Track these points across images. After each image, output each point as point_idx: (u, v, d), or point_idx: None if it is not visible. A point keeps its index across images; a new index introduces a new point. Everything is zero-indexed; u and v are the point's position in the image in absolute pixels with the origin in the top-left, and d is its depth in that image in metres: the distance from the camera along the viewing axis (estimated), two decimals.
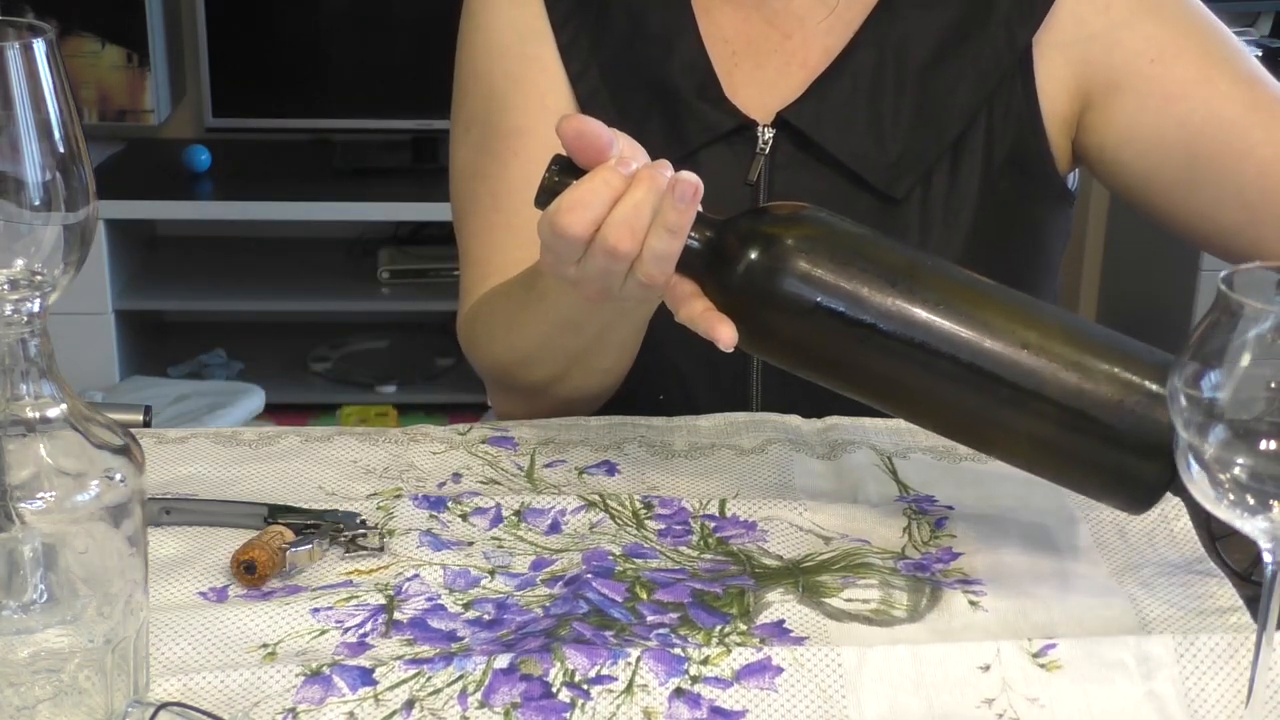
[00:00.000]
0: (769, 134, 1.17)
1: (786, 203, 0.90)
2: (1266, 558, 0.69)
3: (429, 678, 0.78)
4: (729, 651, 0.80)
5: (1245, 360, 0.66)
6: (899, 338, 0.84)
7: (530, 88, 1.21)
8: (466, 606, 0.86)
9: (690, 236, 0.88)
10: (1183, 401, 0.67)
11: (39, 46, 0.78)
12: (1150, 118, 1.15)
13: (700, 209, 0.90)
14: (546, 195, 0.89)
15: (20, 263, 0.80)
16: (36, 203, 0.80)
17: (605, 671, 0.79)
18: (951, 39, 1.16)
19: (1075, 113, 1.18)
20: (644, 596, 0.87)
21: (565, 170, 0.89)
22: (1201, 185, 1.13)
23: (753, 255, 0.87)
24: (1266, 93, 1.14)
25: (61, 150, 0.80)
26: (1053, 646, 0.80)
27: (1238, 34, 1.20)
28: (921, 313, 0.84)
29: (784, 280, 0.86)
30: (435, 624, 0.85)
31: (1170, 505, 0.95)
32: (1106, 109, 1.16)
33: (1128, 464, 0.83)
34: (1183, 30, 1.15)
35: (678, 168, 1.16)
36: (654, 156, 1.16)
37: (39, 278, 0.74)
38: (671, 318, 1.10)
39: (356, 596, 0.87)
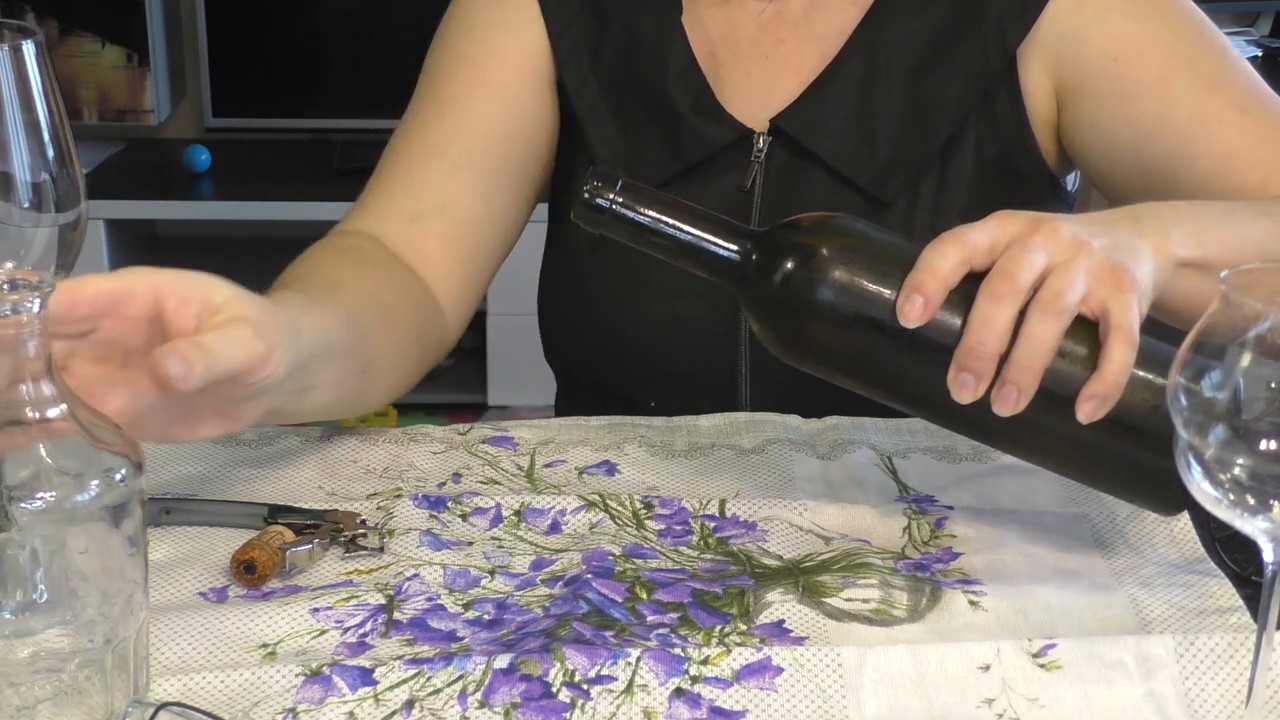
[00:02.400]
0: (764, 142, 1.17)
1: (819, 213, 0.90)
2: (1267, 558, 0.69)
3: (429, 678, 0.78)
4: (729, 651, 0.80)
5: (1245, 360, 0.66)
6: (938, 345, 0.84)
7: (480, 66, 1.21)
8: (466, 606, 0.86)
9: (727, 248, 0.88)
10: (1183, 401, 0.67)
11: (28, 49, 0.79)
12: (1106, 118, 1.13)
13: (731, 220, 0.90)
14: (587, 209, 0.89)
15: (10, 264, 0.80)
16: (26, 204, 0.80)
17: (605, 671, 0.79)
18: (943, 41, 1.16)
19: (1054, 113, 1.17)
20: (644, 596, 0.87)
21: (626, 190, 0.89)
22: (1153, 191, 1.10)
23: (790, 266, 0.87)
24: (1222, 100, 1.10)
25: (51, 152, 0.80)
26: (1053, 646, 0.80)
27: (1237, 34, 1.19)
28: (960, 320, 0.83)
29: (823, 291, 0.86)
30: (435, 624, 0.85)
31: None
32: (1074, 109, 1.15)
33: (1162, 467, 0.83)
34: (1152, 28, 1.13)
35: (677, 180, 1.18)
36: (653, 170, 1.17)
37: (39, 278, 0.74)
38: (650, 329, 1.10)
39: (356, 596, 0.87)
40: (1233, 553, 0.91)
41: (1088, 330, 0.83)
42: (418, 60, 1.33)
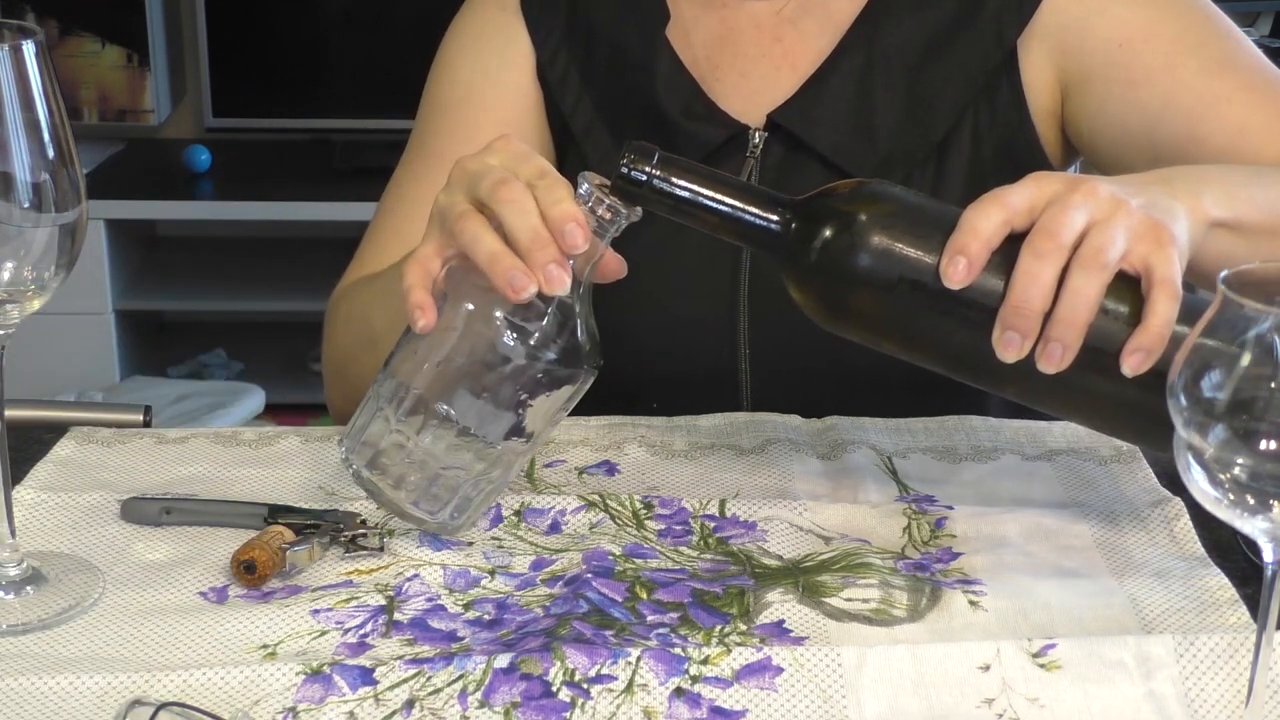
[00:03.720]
0: (759, 137, 1.17)
1: (855, 180, 0.91)
2: (1267, 557, 0.69)
3: (429, 677, 0.78)
4: (729, 651, 0.80)
5: (1245, 360, 0.66)
6: (981, 306, 0.84)
7: (464, 119, 1.23)
8: (466, 606, 0.86)
9: (766, 217, 0.89)
10: (1183, 401, 0.67)
11: (28, 48, 0.79)
12: (1115, 105, 1.14)
13: (770, 190, 0.91)
14: (625, 183, 0.89)
15: (11, 264, 0.80)
16: (26, 204, 0.80)
17: (605, 671, 0.79)
18: (941, 38, 1.16)
19: (1058, 104, 1.17)
20: (644, 596, 0.87)
21: (664, 163, 0.89)
22: None
23: (830, 233, 0.87)
24: (1231, 80, 1.11)
25: (51, 152, 0.80)
26: (1053, 646, 0.80)
27: None
28: (1002, 280, 0.84)
29: (864, 256, 0.86)
30: (435, 624, 0.85)
31: (1170, 505, 0.95)
32: (1080, 99, 1.16)
33: None
34: (1157, 12, 1.13)
35: None
36: None
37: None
38: (649, 332, 1.10)
39: (357, 598, 0.87)
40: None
41: (1128, 286, 0.84)
42: (418, 60, 1.34)
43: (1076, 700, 0.78)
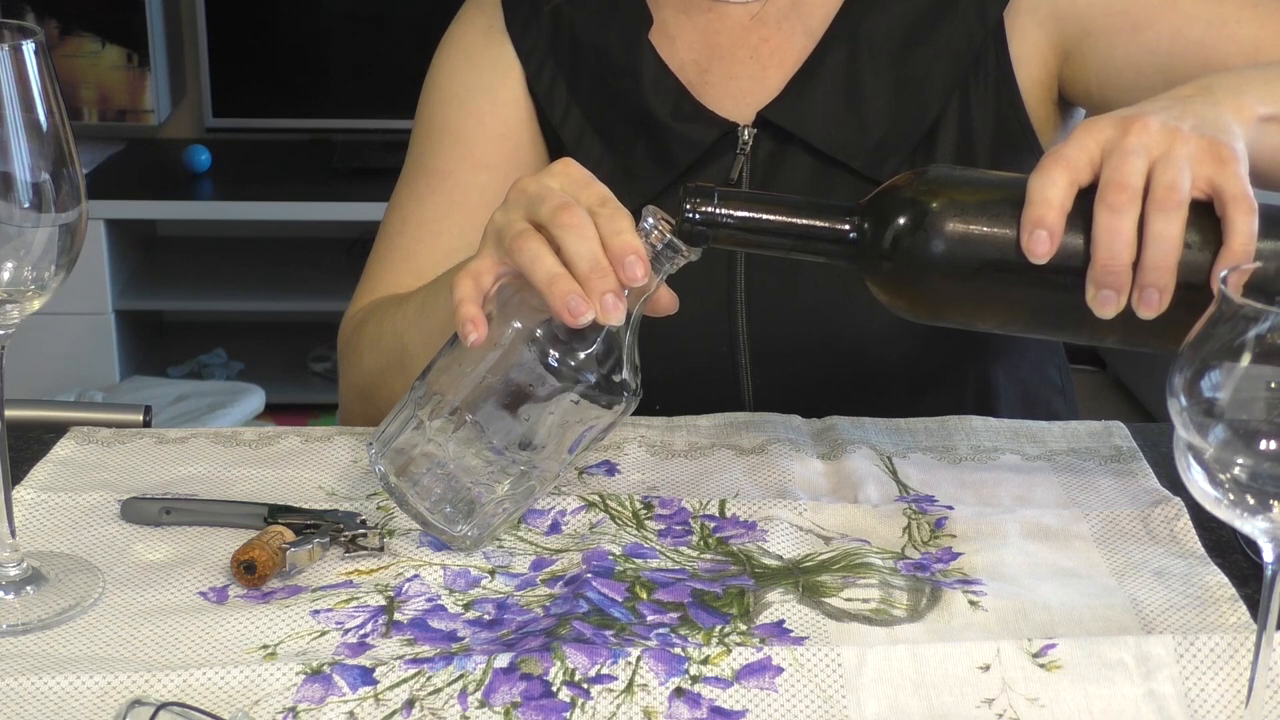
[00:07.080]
0: (748, 134, 1.18)
1: (910, 172, 0.91)
2: (1266, 557, 0.69)
3: (429, 677, 0.78)
4: (729, 651, 0.80)
5: (1245, 360, 0.66)
6: (1068, 269, 0.85)
7: (462, 136, 1.24)
8: (466, 606, 0.86)
9: (837, 229, 0.89)
10: (1183, 401, 0.67)
11: (28, 48, 0.79)
12: (1123, 51, 1.14)
13: (832, 201, 0.91)
14: (693, 225, 0.89)
15: (11, 264, 0.80)
16: (26, 204, 0.80)
17: (605, 671, 0.79)
18: (924, 21, 1.17)
19: (1053, 73, 1.18)
20: (644, 596, 0.87)
21: (725, 199, 0.89)
22: None
23: (905, 232, 0.88)
24: (1232, 1, 1.12)
25: (51, 152, 0.80)
26: (1053, 646, 0.80)
27: None
28: (1082, 239, 0.84)
29: (944, 248, 0.87)
30: (435, 624, 0.85)
31: (1170, 505, 0.95)
32: (1083, 56, 1.16)
33: None
34: None
35: (669, 188, 1.18)
36: (645, 182, 1.18)
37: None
38: (647, 330, 1.10)
39: (357, 598, 0.87)
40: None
41: (1200, 211, 0.84)
42: (418, 60, 1.34)
43: (1076, 700, 0.78)
